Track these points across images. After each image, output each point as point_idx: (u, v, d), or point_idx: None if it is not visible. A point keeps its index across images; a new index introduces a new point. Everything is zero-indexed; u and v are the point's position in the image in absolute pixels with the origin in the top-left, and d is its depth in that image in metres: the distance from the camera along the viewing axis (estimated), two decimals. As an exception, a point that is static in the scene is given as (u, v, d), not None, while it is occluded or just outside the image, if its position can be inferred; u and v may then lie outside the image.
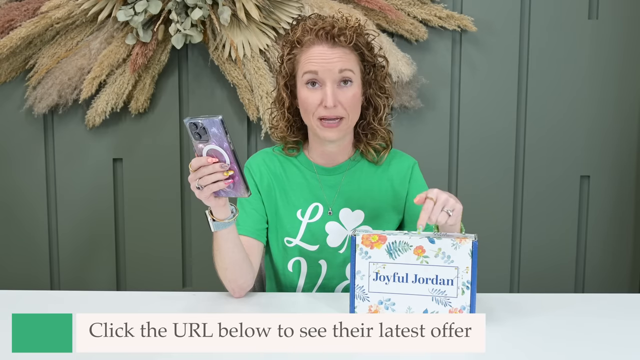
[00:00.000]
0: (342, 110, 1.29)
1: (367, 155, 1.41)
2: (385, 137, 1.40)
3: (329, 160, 1.41)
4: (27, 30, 2.00)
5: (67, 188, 2.18)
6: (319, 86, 1.29)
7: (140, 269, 2.21)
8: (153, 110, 2.14)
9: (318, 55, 1.28)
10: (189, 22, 1.95)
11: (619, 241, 2.21)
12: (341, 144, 1.39)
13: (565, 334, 1.11)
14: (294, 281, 1.42)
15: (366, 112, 1.38)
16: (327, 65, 1.28)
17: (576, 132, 2.16)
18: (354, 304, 1.16)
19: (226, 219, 1.20)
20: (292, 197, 1.40)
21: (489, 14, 2.10)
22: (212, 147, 1.10)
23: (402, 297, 1.14)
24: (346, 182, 1.40)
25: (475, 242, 1.10)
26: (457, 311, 1.12)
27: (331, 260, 1.40)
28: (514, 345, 1.06)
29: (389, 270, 1.14)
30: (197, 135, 1.10)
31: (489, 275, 2.19)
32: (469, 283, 1.11)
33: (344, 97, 1.29)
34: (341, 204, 1.40)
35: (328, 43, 1.28)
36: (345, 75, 1.29)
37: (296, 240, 1.39)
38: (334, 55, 1.28)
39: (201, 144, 1.11)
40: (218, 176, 1.11)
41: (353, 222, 1.40)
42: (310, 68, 1.29)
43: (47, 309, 1.25)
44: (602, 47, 2.12)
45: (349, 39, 1.28)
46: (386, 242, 1.13)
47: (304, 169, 1.42)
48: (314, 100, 1.29)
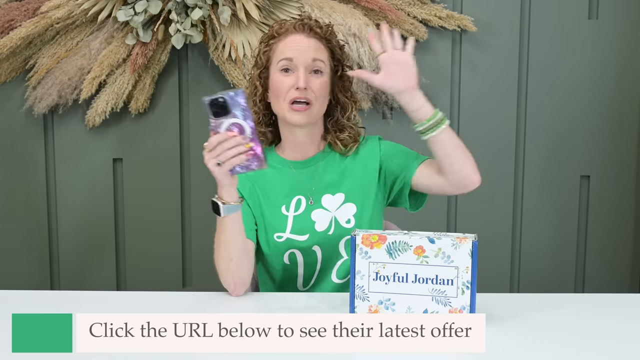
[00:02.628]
0: (311, 94, 1.37)
1: (335, 147, 1.46)
2: (354, 132, 1.47)
3: (302, 154, 1.46)
4: (27, 30, 2.00)
5: (67, 188, 2.18)
6: (292, 72, 1.37)
7: (140, 269, 2.21)
8: (153, 110, 2.14)
9: (294, 43, 1.38)
10: (189, 22, 1.96)
11: (619, 241, 2.21)
12: (310, 133, 1.44)
13: (565, 334, 1.11)
14: (293, 272, 1.44)
15: (334, 109, 1.46)
16: (302, 52, 1.37)
17: (576, 132, 2.16)
18: (354, 303, 1.16)
19: (234, 202, 1.24)
20: (273, 196, 1.44)
21: (489, 14, 2.10)
22: (232, 121, 1.15)
23: (402, 297, 1.14)
24: (322, 171, 1.45)
25: (475, 242, 1.10)
26: (457, 311, 1.12)
27: (323, 244, 1.42)
28: (514, 345, 1.06)
29: (389, 270, 1.14)
30: (216, 113, 1.14)
31: (489, 275, 2.19)
32: (469, 283, 1.11)
33: (314, 83, 1.37)
34: (321, 192, 1.44)
35: (305, 32, 1.39)
36: (317, 64, 1.38)
37: (286, 233, 1.41)
38: (309, 43, 1.38)
39: (220, 120, 1.15)
40: (240, 149, 1.16)
41: (335, 204, 1.43)
42: (286, 55, 1.38)
43: (47, 309, 1.25)
44: (602, 47, 2.12)
45: (322, 30, 1.40)
46: (386, 242, 1.13)
47: (280, 168, 1.46)
48: (287, 83, 1.37)
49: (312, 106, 1.37)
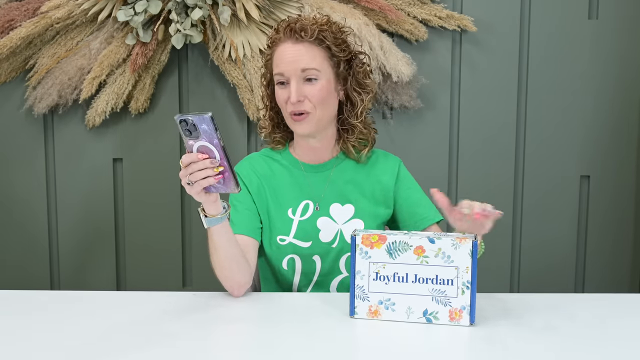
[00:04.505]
0: (308, 105, 1.35)
1: (349, 154, 1.44)
2: (365, 134, 1.43)
3: (315, 157, 1.45)
4: (27, 30, 2.00)
5: (67, 188, 2.19)
6: (287, 84, 1.36)
7: (140, 268, 2.21)
8: (153, 110, 2.14)
9: (283, 55, 1.36)
10: (189, 22, 1.96)
11: (619, 241, 2.21)
12: (322, 139, 1.43)
13: (565, 334, 1.11)
14: (289, 279, 1.44)
15: (345, 107, 1.42)
16: (291, 64, 1.34)
17: (576, 132, 2.16)
18: (354, 304, 1.16)
19: (218, 215, 1.21)
20: (281, 196, 1.43)
21: (489, 14, 2.10)
22: (203, 144, 1.12)
23: (402, 297, 1.14)
24: (334, 178, 1.44)
25: (475, 242, 1.11)
26: (457, 311, 1.12)
27: (324, 256, 1.41)
28: (514, 345, 1.06)
29: (389, 270, 1.14)
30: (187, 132, 1.12)
31: (489, 275, 2.19)
32: (469, 283, 1.11)
33: (310, 92, 1.35)
34: (331, 200, 1.43)
35: (291, 39, 1.35)
36: (308, 74, 1.35)
37: (289, 238, 1.40)
38: (297, 52, 1.34)
39: (191, 141, 1.13)
40: (208, 172, 1.13)
41: (343, 216, 1.42)
42: (278, 70, 1.36)
43: (47, 308, 1.25)
44: (602, 47, 2.12)
45: (309, 34, 1.34)
46: (386, 242, 1.13)
47: (291, 168, 1.45)
48: (284, 96, 1.36)
49: (311, 115, 1.36)
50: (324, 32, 1.36)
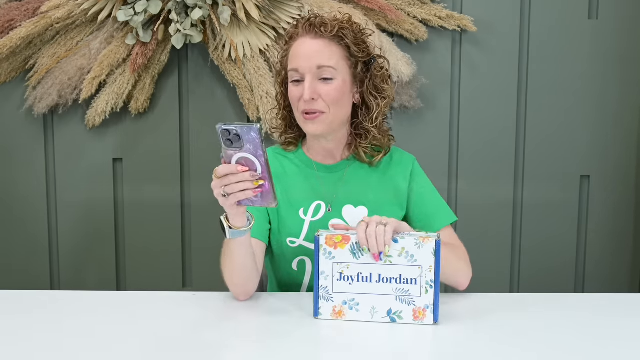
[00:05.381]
0: (321, 104, 1.31)
1: (360, 158, 1.40)
2: (379, 140, 1.39)
3: (328, 158, 1.42)
4: (27, 30, 2.00)
5: (67, 188, 2.19)
6: (302, 82, 1.32)
7: (140, 269, 2.21)
8: (153, 110, 2.14)
9: (300, 50, 1.31)
10: (189, 22, 1.96)
11: (619, 241, 2.21)
12: (334, 139, 1.39)
13: (565, 333, 1.11)
14: (298, 279, 1.42)
15: (360, 111, 1.38)
16: (307, 60, 1.30)
17: (576, 132, 2.16)
18: (318, 304, 1.16)
19: (243, 228, 1.17)
20: (293, 195, 1.40)
21: (489, 14, 2.10)
22: (244, 155, 1.08)
23: (366, 297, 1.14)
24: (347, 179, 1.40)
25: (439, 241, 1.11)
26: (421, 310, 1.12)
27: None
28: (514, 345, 1.06)
29: (352, 271, 1.14)
30: (228, 142, 1.07)
31: (489, 275, 2.19)
32: (432, 282, 1.12)
33: (324, 91, 1.31)
34: (343, 201, 1.39)
35: (310, 34, 1.31)
36: (324, 72, 1.30)
37: (299, 240, 1.38)
38: (315, 48, 1.30)
39: (231, 151, 1.08)
40: (247, 184, 1.09)
41: (356, 218, 1.39)
42: (293, 66, 1.32)
43: (47, 308, 1.25)
44: (602, 47, 2.12)
45: (329, 29, 1.30)
46: (350, 242, 1.13)
47: (303, 167, 1.42)
48: (297, 94, 1.32)
49: (324, 115, 1.31)
50: (345, 30, 1.32)
